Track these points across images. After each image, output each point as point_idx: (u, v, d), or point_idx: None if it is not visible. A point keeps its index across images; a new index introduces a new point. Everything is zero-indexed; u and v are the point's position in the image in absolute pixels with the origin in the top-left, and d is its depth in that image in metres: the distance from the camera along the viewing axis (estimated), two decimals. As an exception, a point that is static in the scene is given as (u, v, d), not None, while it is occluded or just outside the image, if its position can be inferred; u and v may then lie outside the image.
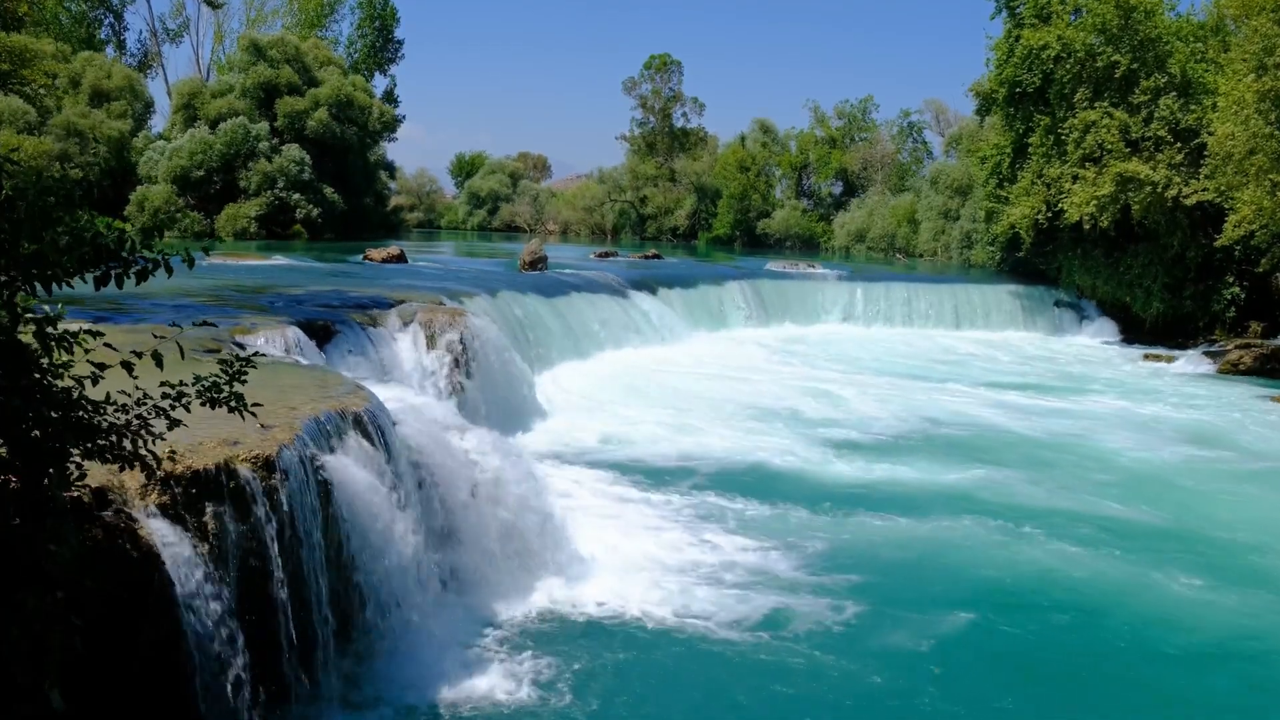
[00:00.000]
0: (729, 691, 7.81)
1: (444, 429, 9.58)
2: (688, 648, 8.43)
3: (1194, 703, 8.07)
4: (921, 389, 21.30)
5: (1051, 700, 8.01)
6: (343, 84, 49.28)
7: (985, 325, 32.40)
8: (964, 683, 8.10)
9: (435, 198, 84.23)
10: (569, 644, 8.38)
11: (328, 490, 7.25)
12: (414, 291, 18.02)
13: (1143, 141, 29.64)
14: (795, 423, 17.30)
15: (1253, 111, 24.58)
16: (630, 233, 72.01)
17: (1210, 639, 9.10)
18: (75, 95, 47.17)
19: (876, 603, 9.43)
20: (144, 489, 5.80)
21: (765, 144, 66.31)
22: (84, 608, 4.46)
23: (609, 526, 11.10)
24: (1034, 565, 10.72)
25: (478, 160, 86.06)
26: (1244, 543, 11.74)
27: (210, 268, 24.34)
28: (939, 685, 7.99)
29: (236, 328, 12.06)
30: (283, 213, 45.55)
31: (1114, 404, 20.70)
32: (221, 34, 64.92)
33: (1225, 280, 29.90)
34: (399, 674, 7.46)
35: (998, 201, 34.55)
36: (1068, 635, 9.11)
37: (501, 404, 15.35)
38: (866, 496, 13.06)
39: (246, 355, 5.22)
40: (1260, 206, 24.85)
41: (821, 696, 7.75)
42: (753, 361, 24.10)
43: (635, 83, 72.72)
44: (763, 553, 10.65)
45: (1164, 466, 15.45)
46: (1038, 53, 30.77)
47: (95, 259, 4.28)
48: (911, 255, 52.94)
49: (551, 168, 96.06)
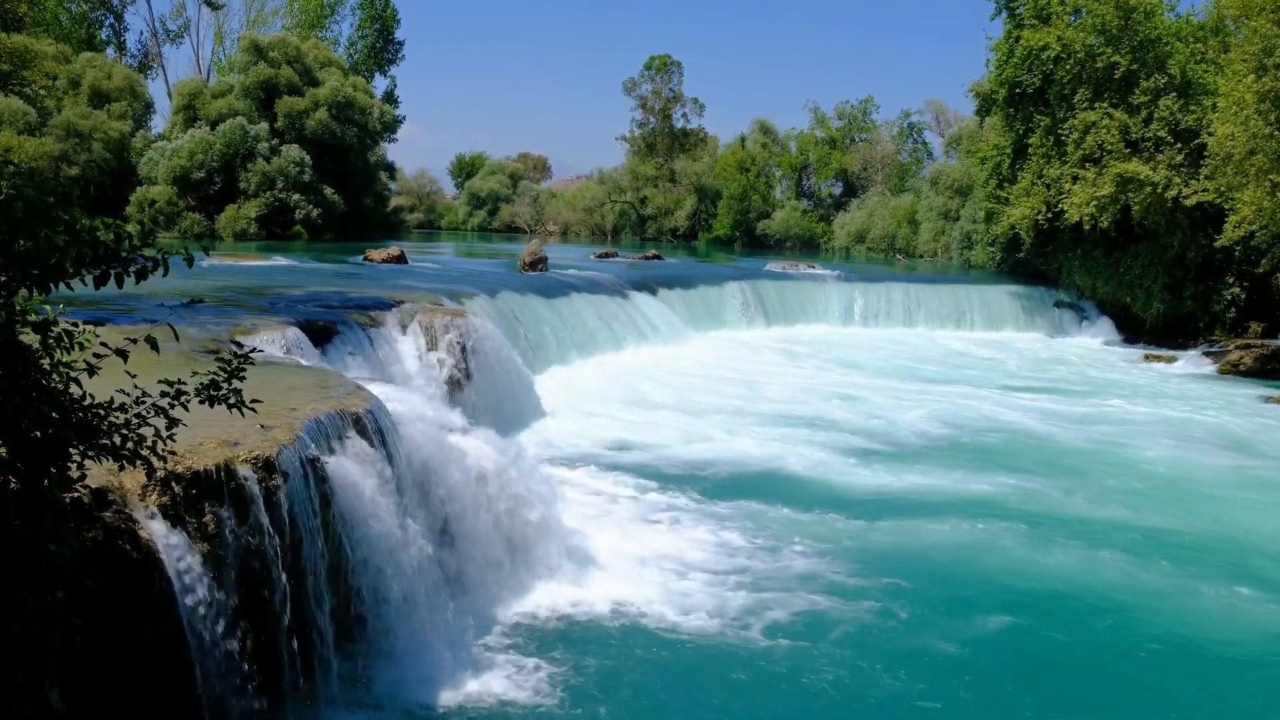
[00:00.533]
0: (730, 693, 7.80)
1: (444, 430, 9.57)
2: (690, 649, 8.41)
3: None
4: (923, 390, 21.28)
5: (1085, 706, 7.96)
6: (343, 84, 49.28)
7: (985, 326, 32.40)
8: (966, 687, 8.10)
9: (435, 198, 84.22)
10: (570, 645, 8.37)
11: (328, 491, 7.24)
12: (414, 292, 18.02)
13: (1143, 142, 29.63)
14: (797, 424, 17.28)
15: (1253, 112, 24.57)
16: (630, 233, 72.01)
17: (1243, 646, 9.00)
18: (75, 96, 47.17)
19: (883, 606, 9.41)
20: (144, 490, 5.79)
21: (765, 145, 66.34)
22: (84, 608, 4.45)
23: (610, 527, 11.09)
24: (1063, 570, 10.62)
25: (478, 161, 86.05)
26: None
27: (210, 268, 24.33)
28: (951, 688, 7.97)
29: (236, 328, 12.05)
30: (283, 213, 45.55)
31: (1123, 406, 20.60)
32: (222, 35, 65.03)
33: (1225, 281, 29.90)
34: (400, 675, 7.45)
35: (998, 202, 34.54)
36: (1099, 640, 9.02)
37: (501, 405, 15.34)
38: (872, 498, 13.03)
39: (245, 351, 5.21)
40: (1260, 207, 24.85)
41: (824, 700, 7.74)
42: (754, 362, 24.09)
43: (635, 83, 72.82)
44: (766, 555, 10.63)
45: (1188, 471, 15.30)
46: (1037, 53, 30.77)
47: (95, 259, 4.28)
48: (912, 256, 52.94)
49: (551, 168, 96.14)
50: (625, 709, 7.47)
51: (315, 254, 34.25)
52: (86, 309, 11.97)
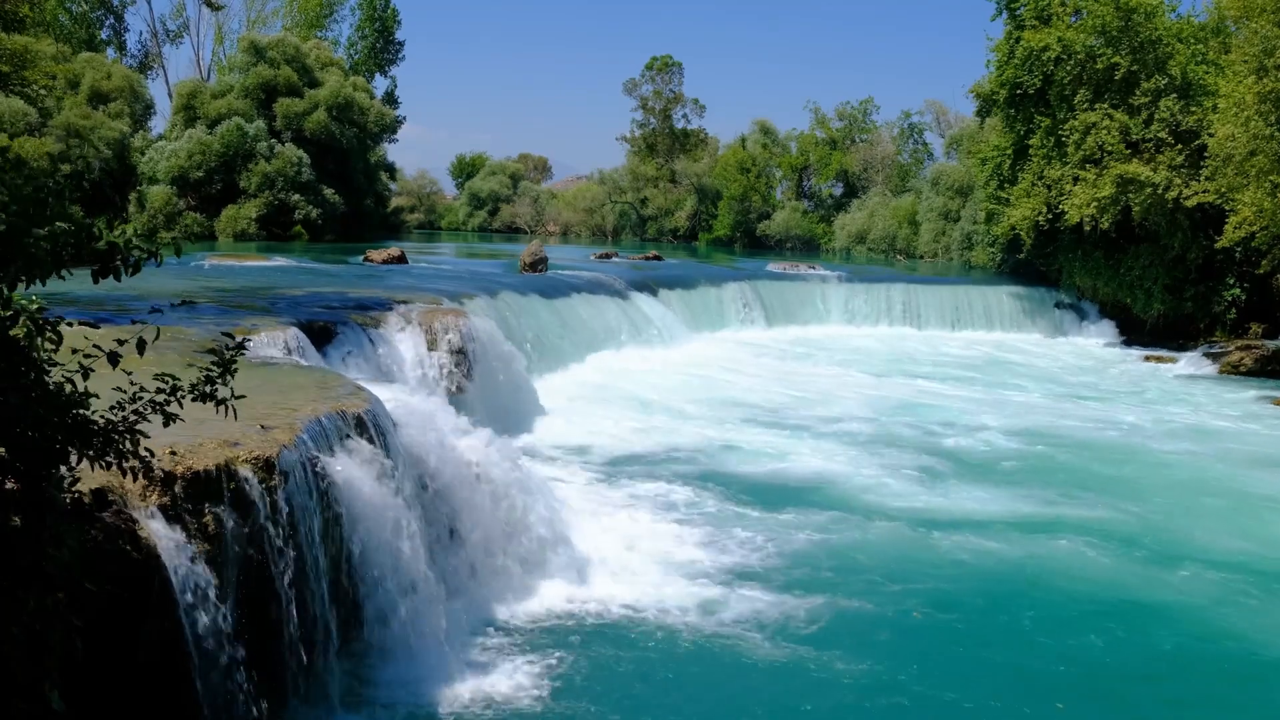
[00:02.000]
0: (731, 696, 7.79)
1: (445, 430, 9.56)
2: (691, 651, 8.40)
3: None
4: (922, 391, 21.27)
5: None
6: (343, 85, 49.25)
7: (985, 327, 32.41)
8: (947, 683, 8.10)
9: (436, 199, 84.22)
10: (571, 646, 8.36)
11: (329, 491, 7.23)
12: (414, 292, 18.01)
13: (1143, 143, 29.62)
14: (798, 424, 17.27)
15: (1253, 113, 24.57)
16: (630, 234, 72.01)
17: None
18: (74, 96, 47.16)
19: (886, 609, 9.39)
20: (144, 490, 5.79)
21: (765, 145, 66.31)
22: (84, 608, 4.44)
23: (611, 528, 11.08)
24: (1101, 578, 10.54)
25: (478, 161, 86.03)
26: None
27: (211, 269, 24.36)
28: (949, 689, 7.98)
29: (236, 329, 12.03)
30: (283, 214, 45.53)
31: (1130, 407, 20.49)
32: (222, 35, 65.01)
33: (1226, 281, 29.88)
34: (400, 674, 7.45)
35: (998, 203, 34.53)
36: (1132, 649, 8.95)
37: (502, 405, 15.33)
38: (874, 499, 13.03)
39: (236, 343, 5.19)
40: (1261, 208, 24.84)
41: (828, 702, 7.73)
42: (756, 363, 24.08)
43: (636, 84, 72.85)
44: (767, 557, 10.62)
45: (1207, 474, 15.19)
46: (1038, 54, 30.75)
47: (92, 255, 4.27)
48: (912, 256, 52.92)
49: (552, 169, 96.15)
50: (625, 710, 7.45)
51: (315, 254, 34.25)
52: (88, 309, 11.97)
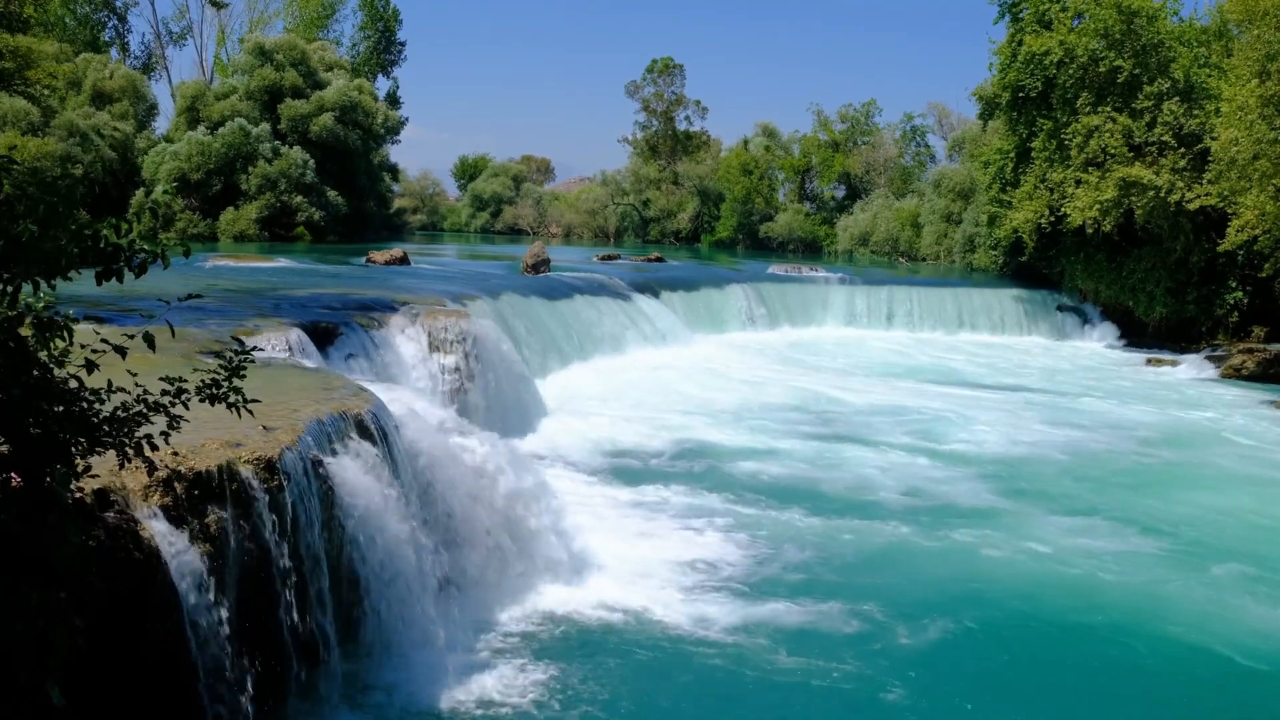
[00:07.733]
0: (731, 697, 7.80)
1: (446, 431, 9.57)
2: (689, 653, 8.40)
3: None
4: (926, 393, 21.26)
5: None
6: (347, 87, 49.32)
7: (988, 329, 32.41)
8: (947, 689, 8.10)
9: (438, 200, 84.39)
10: (570, 647, 8.36)
11: (330, 492, 7.25)
12: (417, 294, 18.04)
13: (1146, 146, 29.61)
14: (799, 425, 17.27)
15: (1256, 116, 24.55)
16: (633, 235, 72.07)
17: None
18: (77, 96, 47.24)
19: (889, 612, 9.36)
20: (146, 490, 5.80)
21: (768, 147, 66.34)
22: (86, 607, 4.46)
23: (612, 530, 11.08)
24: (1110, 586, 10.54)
25: (481, 163, 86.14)
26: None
27: (214, 270, 24.39)
28: (953, 697, 7.98)
29: (239, 329, 12.05)
30: (285, 215, 45.58)
31: (1136, 411, 20.37)
32: (224, 36, 65.07)
33: (1228, 285, 29.84)
34: (400, 675, 7.46)
35: (1000, 205, 34.55)
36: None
37: (504, 406, 15.34)
38: (875, 500, 13.03)
39: (245, 350, 5.23)
40: (1263, 211, 24.83)
41: (829, 706, 7.74)
42: (758, 365, 24.08)
43: (638, 86, 72.89)
44: (767, 560, 10.62)
45: (1211, 477, 15.14)
46: (1040, 58, 30.76)
47: (98, 255, 4.29)
48: (914, 259, 52.91)
49: (554, 170, 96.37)
50: (624, 711, 7.46)
51: (318, 255, 34.28)
52: (89, 308, 11.99)
